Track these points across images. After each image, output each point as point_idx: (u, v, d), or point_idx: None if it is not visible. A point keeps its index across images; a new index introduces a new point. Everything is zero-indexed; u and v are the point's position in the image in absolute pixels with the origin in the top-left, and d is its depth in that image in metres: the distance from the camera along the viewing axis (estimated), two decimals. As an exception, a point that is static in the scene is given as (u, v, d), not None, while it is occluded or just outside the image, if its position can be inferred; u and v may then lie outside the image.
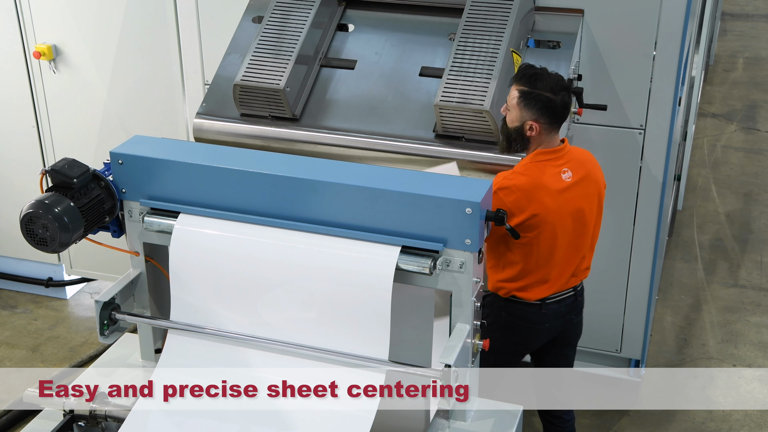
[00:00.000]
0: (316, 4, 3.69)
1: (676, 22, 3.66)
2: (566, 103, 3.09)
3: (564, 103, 3.08)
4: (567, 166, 3.14)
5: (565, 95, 3.08)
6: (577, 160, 3.18)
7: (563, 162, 3.15)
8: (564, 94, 3.08)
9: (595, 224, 3.28)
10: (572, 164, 3.16)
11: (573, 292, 3.30)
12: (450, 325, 2.54)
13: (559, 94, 3.06)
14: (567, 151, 3.17)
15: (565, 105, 3.09)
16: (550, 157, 3.13)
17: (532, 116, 3.07)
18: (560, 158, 3.14)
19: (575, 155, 3.20)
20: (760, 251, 5.90)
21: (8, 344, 4.95)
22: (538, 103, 3.05)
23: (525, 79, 3.08)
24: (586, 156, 3.26)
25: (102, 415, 2.61)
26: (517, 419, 2.62)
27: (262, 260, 2.57)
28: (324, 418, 2.49)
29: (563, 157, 3.15)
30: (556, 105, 3.06)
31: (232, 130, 3.66)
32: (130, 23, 4.55)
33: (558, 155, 3.14)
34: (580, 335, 3.51)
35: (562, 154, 3.15)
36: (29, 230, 2.52)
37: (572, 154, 3.19)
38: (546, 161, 3.12)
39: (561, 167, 3.13)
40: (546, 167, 3.11)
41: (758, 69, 9.49)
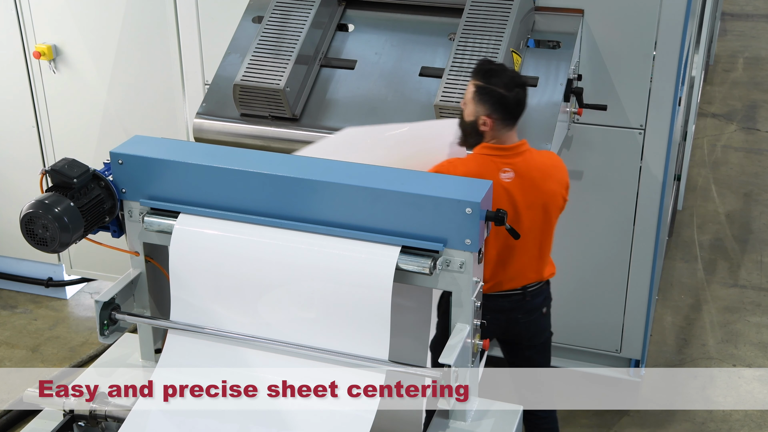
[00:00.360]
0: (316, 4, 3.69)
1: (676, 22, 3.66)
2: (519, 100, 3.08)
3: (517, 99, 3.07)
4: (510, 167, 3.10)
5: (520, 92, 3.07)
6: (526, 165, 3.11)
7: (507, 162, 3.10)
8: (518, 91, 3.07)
9: (541, 234, 3.21)
10: (518, 167, 3.11)
11: (521, 292, 3.27)
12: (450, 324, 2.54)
13: (513, 91, 3.05)
14: (518, 152, 3.12)
15: (518, 102, 3.07)
16: (495, 153, 3.10)
17: (485, 111, 3.06)
18: (506, 157, 3.10)
19: (528, 160, 3.13)
20: (760, 251, 5.90)
21: (8, 344, 4.95)
22: (491, 98, 3.04)
23: (480, 74, 3.08)
24: (544, 164, 3.17)
25: (102, 415, 2.61)
26: (517, 419, 2.62)
27: (262, 260, 2.57)
28: (324, 418, 2.49)
29: (510, 157, 3.11)
30: (509, 101, 3.05)
31: (232, 130, 3.66)
32: (130, 23, 4.55)
33: (504, 153, 3.10)
34: (539, 337, 3.44)
35: (509, 153, 3.10)
36: (29, 230, 2.51)
37: (524, 158, 3.12)
38: (489, 156, 3.10)
39: (503, 166, 3.09)
40: (487, 161, 3.09)
41: (758, 69, 9.49)
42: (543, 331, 3.46)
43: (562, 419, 4.33)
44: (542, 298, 3.37)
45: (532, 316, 3.37)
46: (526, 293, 3.30)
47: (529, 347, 3.45)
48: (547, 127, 3.40)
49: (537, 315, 3.38)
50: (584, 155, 3.97)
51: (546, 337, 3.50)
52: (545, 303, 3.40)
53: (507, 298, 3.28)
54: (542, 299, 3.37)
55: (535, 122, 3.42)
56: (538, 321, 3.40)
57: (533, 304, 3.34)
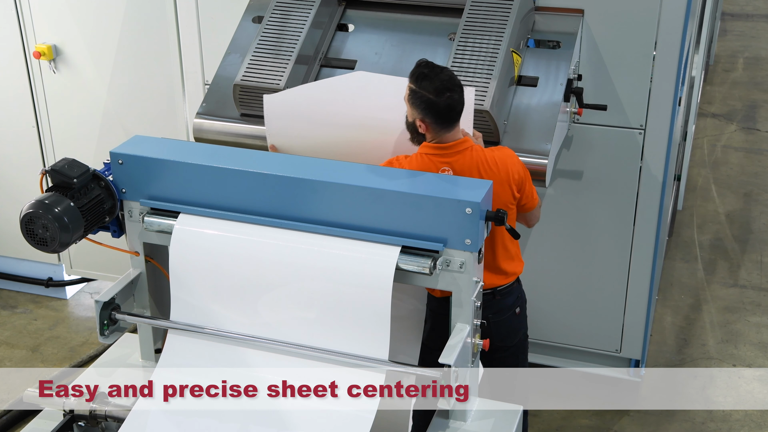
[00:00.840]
0: (316, 4, 3.69)
1: (676, 22, 3.66)
2: (450, 104, 2.98)
3: (448, 105, 2.98)
4: (448, 165, 3.06)
5: (452, 96, 2.98)
6: (466, 163, 3.08)
7: (446, 161, 3.07)
8: (450, 96, 2.97)
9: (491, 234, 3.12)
10: (456, 165, 3.07)
11: (491, 292, 3.22)
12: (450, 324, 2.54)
13: (443, 96, 2.96)
14: (458, 150, 3.07)
15: (449, 107, 2.98)
16: (434, 152, 3.07)
17: (418, 114, 3.02)
18: (445, 156, 3.07)
19: (469, 157, 3.08)
20: (760, 251, 5.90)
21: (8, 344, 4.95)
22: (421, 103, 2.99)
23: (413, 77, 3.03)
24: (486, 161, 3.11)
25: (102, 415, 2.61)
26: (517, 419, 2.62)
27: (262, 260, 2.57)
28: (324, 418, 2.49)
29: (449, 155, 3.07)
30: (438, 107, 2.97)
31: (232, 130, 3.66)
32: (130, 23, 4.55)
33: (443, 152, 3.07)
34: (512, 339, 3.39)
35: (448, 152, 3.07)
36: (29, 230, 2.52)
37: (464, 156, 3.08)
38: (428, 155, 3.08)
39: (441, 165, 3.06)
40: (425, 161, 3.07)
41: (758, 69, 9.48)
42: (516, 332, 3.40)
43: (562, 419, 4.33)
44: (513, 297, 3.32)
45: (503, 317, 3.30)
46: (495, 293, 3.25)
47: (501, 348, 3.36)
48: (547, 127, 3.40)
49: (509, 315, 3.32)
50: (584, 155, 3.97)
51: (520, 339, 3.42)
52: (517, 303, 3.34)
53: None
54: (513, 299, 3.32)
55: (535, 122, 3.41)
56: (509, 321, 3.34)
57: (503, 303, 3.29)
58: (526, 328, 3.46)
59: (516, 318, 3.36)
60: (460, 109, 3.04)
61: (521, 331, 3.43)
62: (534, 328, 3.75)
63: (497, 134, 3.35)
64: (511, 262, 3.29)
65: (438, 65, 3.06)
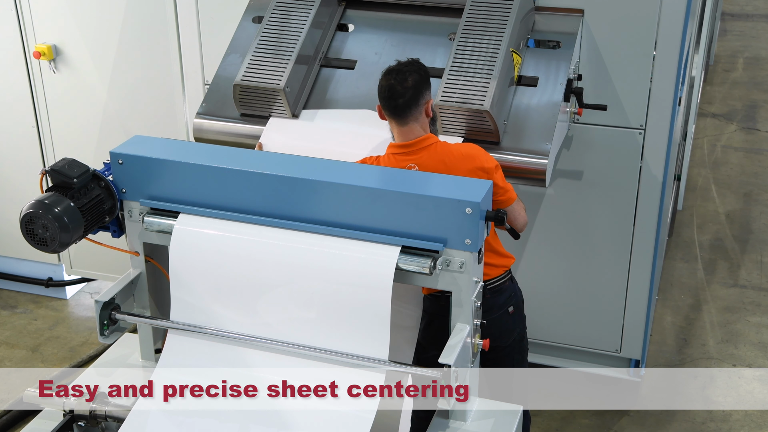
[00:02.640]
0: (316, 4, 3.69)
1: (676, 22, 3.66)
2: (390, 86, 3.07)
3: (388, 86, 3.08)
4: (414, 162, 3.11)
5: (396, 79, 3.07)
6: (431, 159, 3.11)
7: (412, 158, 3.11)
8: (389, 79, 3.08)
9: None
10: (422, 161, 3.11)
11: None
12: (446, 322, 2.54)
13: (384, 78, 3.11)
14: (422, 147, 3.11)
15: (389, 88, 3.07)
16: (399, 151, 3.14)
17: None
18: (409, 153, 3.12)
19: (434, 153, 3.11)
20: (760, 251, 5.90)
21: (8, 344, 4.95)
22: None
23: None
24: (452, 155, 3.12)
25: (102, 415, 2.61)
26: (517, 419, 2.62)
27: (262, 260, 2.57)
28: (324, 418, 2.49)
29: (414, 153, 3.12)
30: (380, 87, 3.12)
31: (232, 130, 3.66)
32: (130, 23, 4.55)
33: (407, 150, 3.12)
34: (506, 338, 3.36)
35: (413, 149, 3.12)
36: (29, 230, 2.51)
37: (429, 151, 3.11)
38: (395, 155, 3.14)
39: (407, 163, 3.11)
40: (392, 161, 3.14)
41: (758, 69, 9.49)
42: (510, 332, 3.37)
43: (562, 419, 4.33)
44: (505, 296, 3.29)
45: (495, 315, 3.28)
46: (485, 290, 3.20)
47: (494, 348, 3.27)
48: (547, 127, 3.40)
49: (501, 314, 3.30)
50: (584, 155, 3.97)
51: (514, 340, 3.39)
52: (510, 302, 3.31)
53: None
54: (505, 297, 3.29)
55: (535, 122, 3.41)
56: (502, 320, 3.31)
57: (494, 302, 3.26)
58: (522, 328, 3.43)
59: (509, 317, 3.33)
60: (407, 101, 3.08)
61: (516, 331, 3.39)
62: (534, 328, 3.75)
63: (497, 134, 3.35)
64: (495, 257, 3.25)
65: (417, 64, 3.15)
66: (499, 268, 3.27)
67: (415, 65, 3.15)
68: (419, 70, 3.14)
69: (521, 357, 3.47)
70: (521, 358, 3.47)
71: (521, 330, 3.42)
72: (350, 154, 3.42)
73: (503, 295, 3.29)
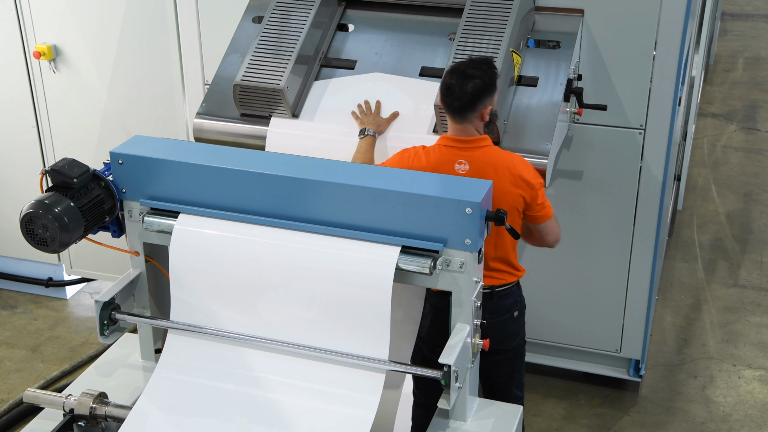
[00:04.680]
0: (316, 4, 3.69)
1: (676, 22, 3.66)
2: (448, 85, 3.07)
3: (447, 85, 3.07)
4: (467, 159, 3.11)
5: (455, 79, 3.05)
6: (482, 159, 3.11)
7: (464, 154, 3.11)
8: (452, 77, 3.06)
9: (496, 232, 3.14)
10: (475, 159, 3.11)
11: (489, 291, 3.21)
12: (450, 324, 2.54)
13: (446, 77, 3.09)
14: (477, 146, 3.12)
15: (447, 87, 3.07)
16: (452, 144, 3.13)
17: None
18: (463, 150, 3.12)
19: (485, 155, 3.12)
20: (760, 251, 5.90)
21: (8, 344, 4.95)
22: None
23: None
24: (501, 161, 3.13)
25: (102, 416, 2.61)
26: (517, 419, 2.62)
27: (262, 260, 2.57)
28: (324, 418, 2.49)
29: (468, 150, 3.12)
30: (442, 84, 3.11)
31: (232, 130, 3.66)
32: (130, 23, 4.55)
33: (461, 146, 3.12)
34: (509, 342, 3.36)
35: (466, 146, 3.12)
36: (29, 230, 2.52)
37: (483, 152, 3.12)
38: (447, 147, 3.14)
39: (459, 158, 3.11)
40: (443, 152, 3.13)
41: (758, 69, 9.49)
42: (514, 336, 3.37)
43: (562, 419, 4.33)
44: (512, 300, 3.31)
45: (500, 318, 3.29)
46: (494, 293, 3.25)
47: (498, 351, 3.33)
48: (547, 127, 3.40)
49: (507, 318, 3.31)
50: (584, 155, 3.97)
51: (517, 344, 3.40)
52: (516, 306, 3.33)
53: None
54: (512, 302, 3.31)
55: (535, 122, 3.41)
56: (507, 324, 3.32)
57: (502, 305, 3.28)
58: (524, 334, 3.44)
59: (514, 322, 3.35)
60: (463, 105, 3.07)
61: (519, 336, 3.40)
62: (534, 328, 3.75)
63: (497, 134, 3.35)
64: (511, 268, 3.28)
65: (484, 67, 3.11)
66: (513, 276, 3.30)
67: (482, 69, 3.09)
68: (484, 75, 3.08)
69: (521, 363, 3.47)
70: (521, 364, 3.47)
71: (523, 336, 3.43)
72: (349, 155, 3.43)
73: (510, 299, 3.31)
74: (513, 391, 3.45)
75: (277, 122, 3.58)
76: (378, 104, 3.52)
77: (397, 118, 3.49)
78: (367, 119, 3.47)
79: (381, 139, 3.44)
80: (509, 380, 3.43)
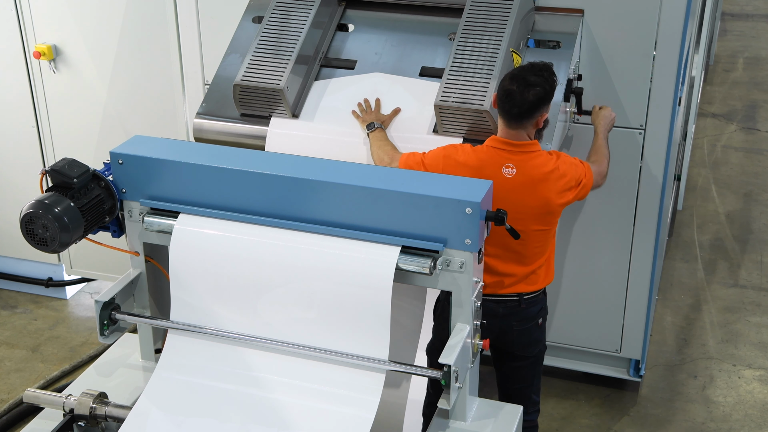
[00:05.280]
0: (316, 4, 3.69)
1: (676, 22, 3.66)
2: (508, 92, 3.04)
3: (506, 91, 3.05)
4: (515, 163, 3.10)
5: (517, 87, 3.03)
6: (532, 165, 3.11)
7: (512, 158, 3.10)
8: (509, 84, 3.04)
9: (532, 236, 3.15)
10: (522, 165, 3.11)
11: (517, 298, 3.23)
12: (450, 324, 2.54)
13: (505, 82, 3.06)
14: (526, 151, 3.11)
15: (506, 93, 3.05)
16: (501, 146, 3.12)
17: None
18: (512, 153, 3.11)
19: (536, 160, 3.12)
20: (760, 251, 5.90)
21: (8, 344, 4.95)
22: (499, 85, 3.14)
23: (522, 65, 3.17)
24: (551, 170, 3.14)
25: (102, 416, 2.61)
26: (517, 419, 2.62)
27: (262, 260, 2.57)
28: (324, 418, 2.49)
29: (516, 154, 3.11)
30: (501, 90, 3.09)
31: (232, 130, 3.66)
32: (130, 23, 4.55)
33: (510, 149, 3.11)
34: (532, 349, 3.37)
35: (515, 150, 3.11)
36: (29, 230, 2.52)
37: (533, 157, 3.12)
38: (495, 148, 3.13)
39: (506, 161, 3.10)
40: (491, 153, 3.12)
41: (758, 69, 9.49)
42: (536, 343, 3.38)
43: (562, 419, 4.33)
44: (538, 308, 3.31)
45: (527, 325, 3.30)
46: (522, 300, 3.26)
47: (520, 357, 3.37)
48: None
49: (532, 325, 3.32)
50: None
51: (539, 350, 3.41)
52: (541, 314, 3.33)
53: (502, 304, 3.23)
54: (538, 309, 3.31)
55: (535, 122, 3.41)
56: (532, 331, 3.33)
57: (529, 312, 3.29)
58: (545, 340, 3.45)
59: (538, 329, 3.36)
60: (522, 113, 3.06)
61: (541, 342, 3.42)
62: (534, 328, 3.74)
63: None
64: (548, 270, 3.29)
65: (546, 74, 3.09)
66: (546, 280, 3.30)
67: (543, 76, 3.08)
68: (545, 83, 3.07)
69: (540, 369, 3.49)
70: (540, 370, 3.49)
71: (544, 342, 3.44)
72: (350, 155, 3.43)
73: (537, 306, 3.31)
74: (531, 396, 3.46)
75: (277, 122, 3.58)
76: (378, 102, 3.52)
77: (398, 115, 3.49)
78: (369, 117, 3.47)
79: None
80: (528, 386, 3.44)
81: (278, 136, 3.56)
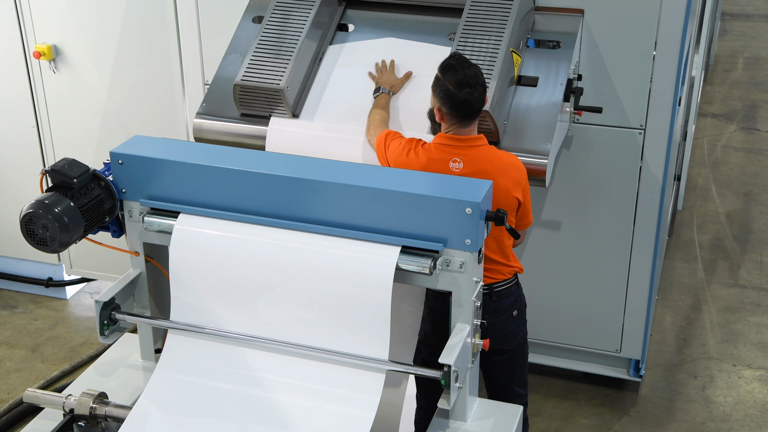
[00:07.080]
0: (316, 4, 3.69)
1: (676, 22, 3.66)
2: (468, 100, 3.04)
3: (466, 100, 3.04)
4: (460, 158, 3.10)
5: (471, 93, 3.03)
6: (478, 158, 3.10)
7: (459, 153, 3.10)
8: (469, 92, 3.03)
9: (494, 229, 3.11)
10: (469, 159, 3.10)
11: (488, 291, 3.20)
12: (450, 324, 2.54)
13: (462, 90, 3.03)
14: (473, 145, 3.11)
15: (466, 102, 3.04)
16: (448, 143, 3.12)
17: (437, 102, 3.11)
18: (458, 148, 3.10)
19: (482, 153, 3.12)
20: (760, 251, 5.90)
21: (8, 344, 4.95)
22: (441, 92, 3.08)
23: (441, 66, 3.12)
24: (500, 160, 3.13)
25: (102, 416, 2.61)
26: (517, 419, 2.62)
27: (262, 260, 2.57)
28: (324, 418, 2.49)
29: (463, 149, 3.10)
30: (456, 99, 3.05)
31: (232, 130, 3.66)
32: (130, 23, 4.55)
33: (456, 144, 3.11)
34: (509, 342, 3.35)
35: (462, 145, 3.10)
36: (29, 230, 2.52)
37: (479, 151, 3.11)
38: (442, 145, 3.12)
39: (453, 156, 3.10)
40: (438, 150, 3.12)
41: (758, 69, 9.49)
42: (514, 335, 3.36)
43: (562, 419, 4.33)
44: (512, 299, 3.29)
45: (500, 318, 3.28)
46: (492, 293, 3.23)
47: (499, 351, 3.33)
48: (547, 127, 3.40)
49: (506, 317, 3.30)
50: (584, 155, 3.97)
51: (517, 343, 3.39)
52: (515, 306, 3.31)
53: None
54: (511, 301, 3.29)
55: (535, 122, 3.41)
56: (506, 324, 3.31)
57: (501, 305, 3.27)
58: (525, 332, 3.43)
59: (513, 321, 3.33)
60: (478, 108, 3.09)
61: (519, 335, 3.39)
62: (534, 328, 3.74)
63: (497, 134, 3.35)
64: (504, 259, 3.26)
65: (468, 60, 3.14)
66: (509, 268, 3.28)
67: (474, 70, 3.10)
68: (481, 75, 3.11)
69: (523, 361, 3.47)
70: (523, 362, 3.47)
71: (524, 334, 3.42)
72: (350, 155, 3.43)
73: (510, 298, 3.29)
74: (516, 389, 3.44)
75: (277, 122, 3.58)
76: (392, 63, 3.59)
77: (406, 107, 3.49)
78: (383, 77, 3.54)
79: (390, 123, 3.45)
80: (511, 379, 3.43)
81: (278, 136, 3.56)
